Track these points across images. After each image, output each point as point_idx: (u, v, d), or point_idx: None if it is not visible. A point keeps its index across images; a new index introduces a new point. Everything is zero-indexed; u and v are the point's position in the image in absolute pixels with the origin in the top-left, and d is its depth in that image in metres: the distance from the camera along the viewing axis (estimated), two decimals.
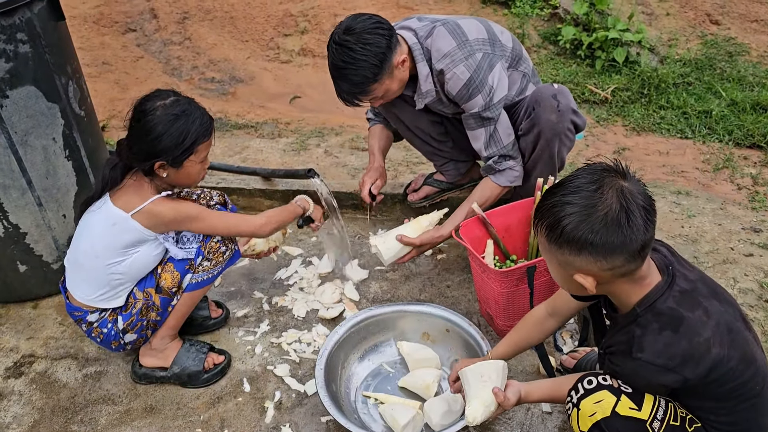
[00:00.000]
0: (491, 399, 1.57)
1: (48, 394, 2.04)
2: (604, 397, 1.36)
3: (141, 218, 1.80)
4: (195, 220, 1.86)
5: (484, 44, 2.09)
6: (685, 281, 1.36)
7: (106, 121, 3.76)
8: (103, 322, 1.91)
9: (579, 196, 1.25)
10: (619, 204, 1.22)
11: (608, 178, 1.25)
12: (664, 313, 1.31)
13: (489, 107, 2.10)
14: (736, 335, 1.32)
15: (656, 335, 1.30)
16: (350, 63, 1.95)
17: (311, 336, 2.20)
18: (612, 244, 1.23)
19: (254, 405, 1.96)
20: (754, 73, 4.05)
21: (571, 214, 1.24)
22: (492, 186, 2.22)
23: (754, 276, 2.39)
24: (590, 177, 1.26)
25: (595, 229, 1.22)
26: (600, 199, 1.23)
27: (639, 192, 1.25)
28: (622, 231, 1.22)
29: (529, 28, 4.59)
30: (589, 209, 1.23)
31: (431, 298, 2.34)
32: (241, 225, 2.00)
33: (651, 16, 4.61)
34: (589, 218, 1.23)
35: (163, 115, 1.74)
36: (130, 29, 4.89)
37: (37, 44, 2.01)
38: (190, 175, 1.85)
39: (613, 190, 1.23)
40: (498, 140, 2.16)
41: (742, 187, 3.03)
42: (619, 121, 3.71)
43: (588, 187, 1.25)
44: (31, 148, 2.08)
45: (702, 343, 1.28)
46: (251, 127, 3.74)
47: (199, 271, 1.93)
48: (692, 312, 1.31)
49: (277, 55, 4.70)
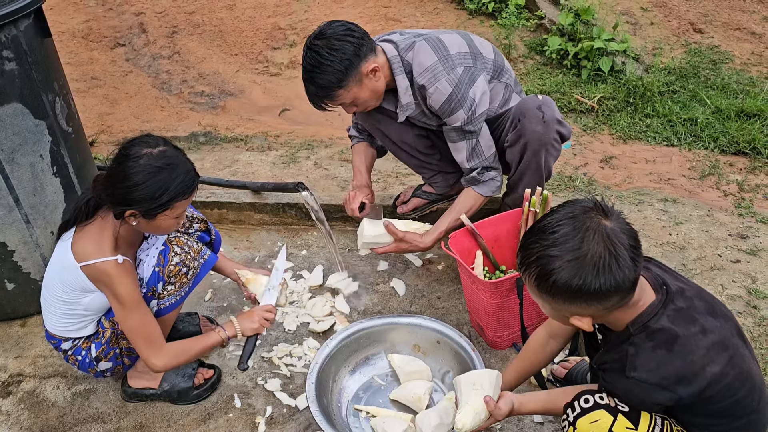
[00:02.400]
0: (482, 407, 1.57)
1: (36, 414, 2.02)
2: (601, 416, 1.36)
3: (87, 272, 1.73)
4: (121, 304, 1.74)
5: (466, 58, 2.11)
6: (681, 298, 1.35)
7: (94, 136, 3.75)
8: (77, 350, 1.88)
9: (565, 248, 1.23)
10: (607, 250, 1.22)
11: (590, 221, 1.24)
12: (657, 332, 1.31)
13: (471, 121, 2.12)
14: (733, 352, 1.32)
15: (649, 354, 1.30)
16: (316, 67, 1.98)
17: (302, 350, 2.19)
18: (605, 289, 1.23)
19: (245, 421, 1.95)
20: (737, 81, 4.10)
21: (560, 268, 1.24)
22: (475, 196, 2.26)
23: (741, 282, 2.41)
24: (573, 224, 1.25)
25: (587, 280, 1.22)
26: (587, 248, 1.22)
27: (623, 230, 1.25)
28: (614, 276, 1.22)
29: (515, 39, 4.63)
30: (578, 261, 1.22)
31: (421, 310, 2.34)
32: (141, 347, 1.79)
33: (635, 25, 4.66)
34: (579, 270, 1.22)
35: (145, 164, 1.65)
36: (118, 44, 4.89)
37: (23, 61, 2.01)
38: (160, 227, 1.76)
39: (598, 236, 1.22)
40: (480, 153, 2.19)
41: (728, 194, 3.06)
42: (606, 129, 3.74)
43: (573, 236, 1.24)
44: (18, 165, 2.08)
45: (696, 361, 1.29)
46: (241, 141, 3.74)
47: (165, 296, 1.86)
48: (687, 329, 1.30)
49: (266, 68, 4.72)
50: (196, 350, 1.88)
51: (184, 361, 1.87)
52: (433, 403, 1.93)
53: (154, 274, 1.82)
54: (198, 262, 1.93)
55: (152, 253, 1.83)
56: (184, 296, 1.94)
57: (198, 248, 1.94)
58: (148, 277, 1.82)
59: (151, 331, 1.80)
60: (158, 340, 1.81)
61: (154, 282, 1.83)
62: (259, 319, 1.93)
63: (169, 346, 1.84)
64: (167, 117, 4.09)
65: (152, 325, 1.80)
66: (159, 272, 1.82)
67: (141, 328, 1.78)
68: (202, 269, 1.97)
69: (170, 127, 3.92)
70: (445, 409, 1.81)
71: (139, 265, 1.84)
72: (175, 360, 1.84)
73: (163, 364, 1.81)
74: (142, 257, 1.84)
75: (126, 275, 1.74)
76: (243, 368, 1.91)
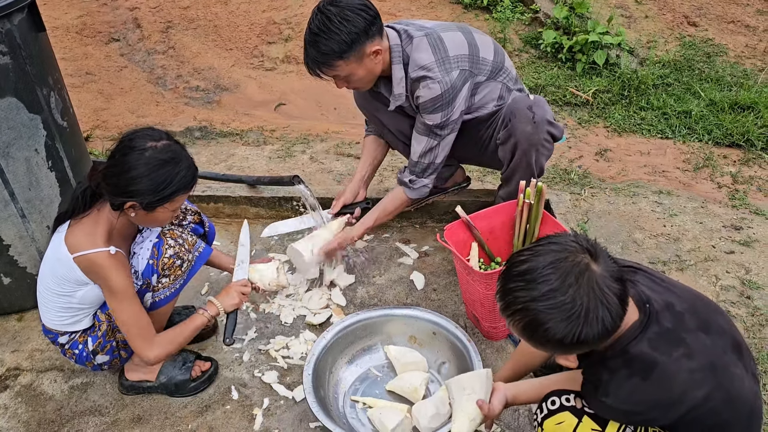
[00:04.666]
0: (476, 412, 1.58)
1: (34, 407, 2.02)
2: (566, 419, 1.36)
3: (81, 263, 1.73)
4: (113, 295, 1.75)
5: (463, 61, 2.11)
6: (668, 315, 1.29)
7: (89, 131, 3.74)
8: (74, 343, 1.89)
9: (556, 305, 1.19)
10: (598, 300, 1.18)
11: (578, 267, 1.19)
12: (634, 359, 1.26)
13: (444, 126, 2.14)
14: (722, 373, 1.26)
15: (623, 382, 1.27)
16: (323, 31, 1.97)
17: (299, 342, 2.20)
18: (594, 335, 1.20)
19: (242, 412, 1.96)
20: (731, 73, 4.12)
21: (553, 327, 1.19)
22: (402, 198, 2.34)
23: (735, 273, 2.43)
24: (561, 275, 1.19)
25: (576, 333, 1.19)
26: (579, 303, 1.18)
27: (610, 274, 1.21)
28: (605, 324, 1.19)
29: (510, 33, 4.64)
30: (570, 318, 1.18)
31: (417, 302, 2.35)
32: (134, 339, 1.80)
33: (630, 18, 4.67)
34: (572, 327, 1.19)
35: (150, 157, 1.67)
36: (113, 39, 4.87)
37: (17, 55, 2.00)
38: (157, 220, 1.78)
39: (587, 287, 1.18)
40: (434, 155, 2.22)
41: (722, 186, 3.08)
42: (601, 122, 3.75)
43: (563, 291, 1.18)
44: (13, 159, 2.07)
45: (676, 388, 1.25)
46: (236, 135, 3.74)
47: (159, 288, 1.87)
48: (668, 355, 1.25)
49: (261, 62, 4.71)
50: (186, 335, 1.90)
51: (176, 349, 1.89)
52: (430, 394, 1.94)
53: (148, 267, 1.82)
54: (192, 255, 1.94)
55: (146, 246, 1.83)
56: (179, 289, 1.95)
57: (192, 241, 1.95)
58: (142, 269, 1.82)
59: (143, 323, 1.81)
60: (150, 332, 1.83)
61: (148, 274, 1.83)
62: (237, 294, 1.99)
63: (159, 336, 1.86)
64: (162, 112, 4.09)
65: (144, 318, 1.82)
66: (153, 265, 1.83)
67: (133, 320, 1.79)
68: (196, 262, 1.97)
69: (165, 122, 3.91)
70: (441, 399, 1.83)
71: (133, 258, 1.84)
72: (167, 349, 1.86)
73: (155, 354, 1.83)
74: (136, 250, 1.85)
75: (118, 266, 1.75)
76: (229, 343, 1.95)
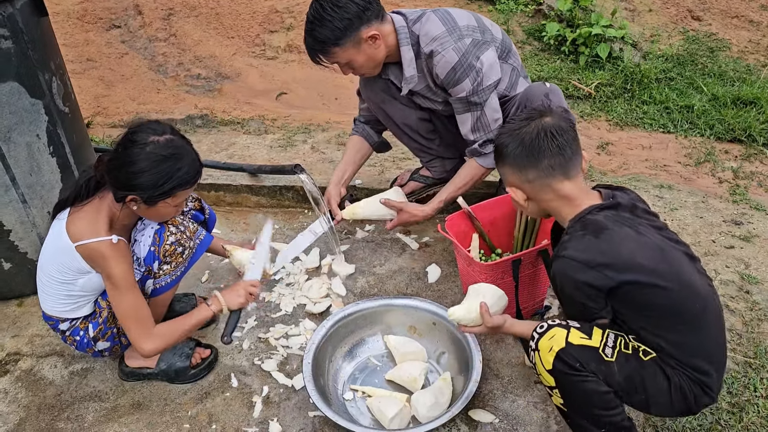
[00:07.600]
0: (475, 308, 1.74)
1: (34, 392, 2.03)
2: (556, 332, 1.49)
3: (83, 252, 1.73)
4: (113, 285, 1.74)
5: (474, 31, 2.11)
6: (628, 211, 1.52)
7: (90, 117, 3.73)
8: (75, 330, 1.89)
9: (511, 126, 1.62)
10: (535, 132, 1.55)
11: (537, 116, 1.59)
12: (589, 223, 1.50)
13: (477, 92, 2.10)
14: (670, 256, 1.46)
15: (579, 239, 1.48)
16: (317, 19, 1.99)
17: (298, 331, 2.21)
18: (522, 159, 1.56)
19: (242, 400, 1.97)
20: (734, 69, 4.11)
21: (503, 135, 1.63)
22: (476, 167, 2.26)
23: (735, 268, 2.43)
24: (526, 114, 1.62)
25: (512, 146, 1.58)
26: (524, 129, 1.57)
27: (554, 125, 1.55)
28: (532, 152, 1.55)
29: (513, 25, 4.62)
30: (515, 133, 1.59)
31: (417, 292, 2.36)
32: (132, 330, 1.78)
33: (633, 12, 4.65)
34: (512, 140, 1.58)
35: (151, 152, 1.66)
36: (114, 26, 4.85)
37: (19, 40, 1.99)
38: (159, 214, 1.78)
39: (535, 123, 1.57)
40: (485, 124, 2.18)
41: (723, 181, 3.08)
42: (603, 116, 3.75)
43: (521, 122, 1.60)
44: (15, 144, 2.07)
45: (623, 250, 1.44)
46: (237, 124, 3.73)
47: (160, 275, 1.87)
48: (619, 227, 1.47)
49: (263, 51, 4.69)
50: (185, 329, 1.87)
51: (173, 342, 1.87)
52: (429, 384, 1.95)
53: (149, 254, 1.83)
54: (194, 242, 1.94)
55: (148, 233, 1.83)
56: (180, 276, 1.95)
57: (194, 228, 1.95)
58: (144, 256, 1.82)
59: (142, 314, 1.79)
60: (148, 324, 1.80)
61: (149, 261, 1.83)
62: (244, 293, 1.92)
63: (158, 328, 1.83)
64: (163, 99, 4.08)
65: (144, 309, 1.80)
66: (155, 251, 1.83)
67: (132, 310, 1.77)
68: (198, 249, 1.97)
69: (166, 110, 3.90)
70: (440, 389, 1.84)
71: (134, 245, 1.84)
72: (165, 342, 1.83)
73: (152, 347, 1.80)
74: (137, 237, 1.85)
75: (120, 256, 1.75)
76: (227, 342, 1.91)
